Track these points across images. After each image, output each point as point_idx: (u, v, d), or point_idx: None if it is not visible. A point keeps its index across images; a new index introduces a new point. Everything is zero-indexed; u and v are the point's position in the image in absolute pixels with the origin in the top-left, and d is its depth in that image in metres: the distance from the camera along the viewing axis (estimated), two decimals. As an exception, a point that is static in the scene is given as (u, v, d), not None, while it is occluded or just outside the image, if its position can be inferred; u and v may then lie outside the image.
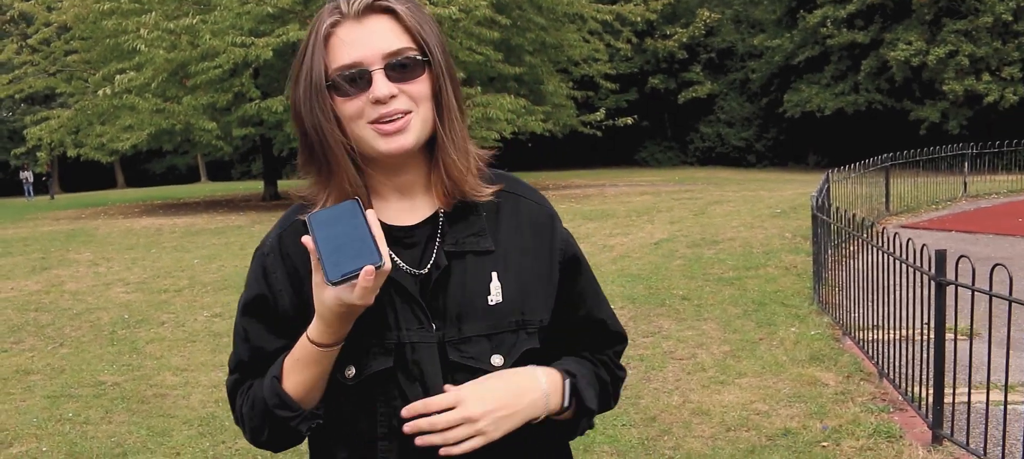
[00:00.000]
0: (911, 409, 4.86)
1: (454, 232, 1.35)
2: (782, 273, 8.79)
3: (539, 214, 1.43)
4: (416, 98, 1.28)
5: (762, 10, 36.04)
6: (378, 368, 1.31)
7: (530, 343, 1.36)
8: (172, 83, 19.07)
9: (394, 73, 1.27)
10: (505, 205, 1.40)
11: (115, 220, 18.73)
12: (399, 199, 1.37)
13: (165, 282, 10.13)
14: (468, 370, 1.31)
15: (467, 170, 1.35)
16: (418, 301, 1.31)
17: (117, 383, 6.25)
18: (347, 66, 1.27)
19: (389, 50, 1.27)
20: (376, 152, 1.29)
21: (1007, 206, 14.66)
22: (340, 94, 1.28)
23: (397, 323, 1.31)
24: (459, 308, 1.32)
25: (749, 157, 37.60)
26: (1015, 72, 27.49)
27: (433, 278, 1.32)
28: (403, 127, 1.27)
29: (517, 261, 1.37)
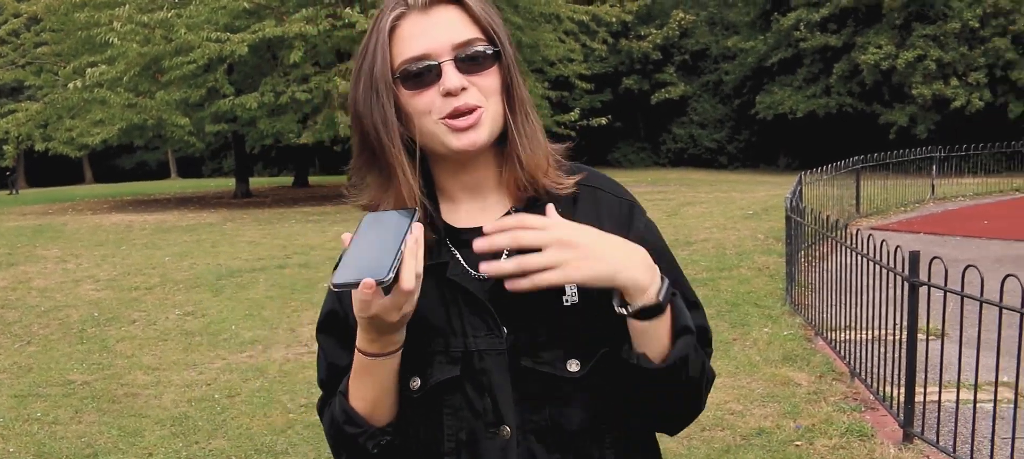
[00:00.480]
0: (882, 408, 4.91)
1: None
2: (755, 274, 8.85)
3: (618, 206, 1.33)
4: (487, 92, 1.22)
5: (736, 12, 36.27)
6: (443, 378, 1.23)
7: (608, 345, 1.24)
8: (145, 78, 18.86)
9: (464, 64, 1.20)
10: (583, 199, 1.32)
11: (84, 216, 18.50)
12: (469, 199, 1.30)
13: (136, 279, 10.02)
14: (541, 377, 1.22)
15: (544, 163, 1.27)
16: (486, 306, 1.23)
17: (87, 382, 6.18)
18: (415, 58, 1.20)
19: (458, 41, 1.20)
20: (447, 149, 1.22)
21: (973, 208, 14.88)
22: (408, 88, 1.21)
23: (464, 330, 1.23)
24: (532, 311, 1.22)
25: (721, 158, 37.84)
26: (981, 78, 27.88)
27: (502, 289, 1.21)
28: (475, 122, 1.20)
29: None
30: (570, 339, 1.23)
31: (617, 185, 1.38)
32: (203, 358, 6.69)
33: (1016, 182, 17.88)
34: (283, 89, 18.54)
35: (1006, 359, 4.38)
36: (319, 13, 17.88)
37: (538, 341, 1.22)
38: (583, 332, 1.23)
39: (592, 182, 1.34)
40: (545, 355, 1.22)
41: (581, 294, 1.23)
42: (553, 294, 1.22)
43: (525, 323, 1.23)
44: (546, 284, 1.12)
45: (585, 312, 1.23)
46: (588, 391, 1.24)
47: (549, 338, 1.22)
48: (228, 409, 5.48)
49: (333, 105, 18.40)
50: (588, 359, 1.23)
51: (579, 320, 1.23)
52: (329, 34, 18.08)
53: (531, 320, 1.23)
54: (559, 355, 1.22)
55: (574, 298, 1.23)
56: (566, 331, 1.23)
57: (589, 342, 1.23)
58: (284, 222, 15.95)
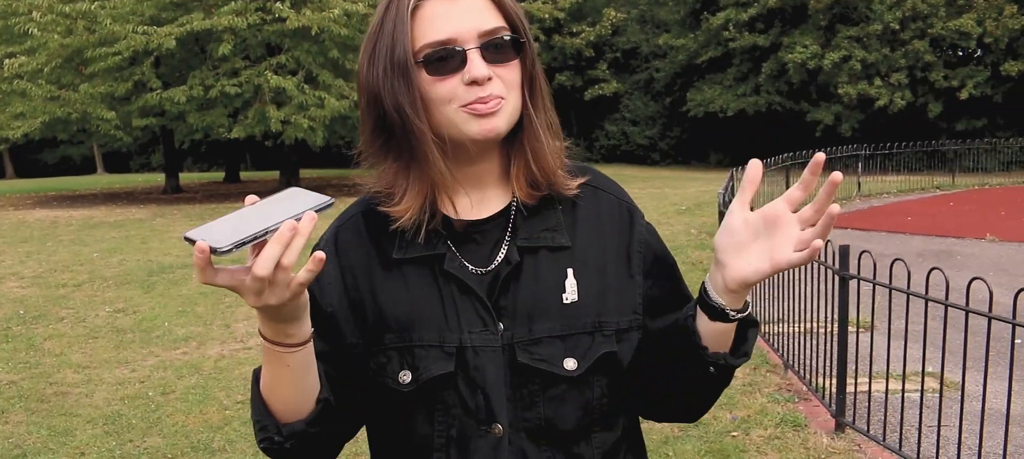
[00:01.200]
0: (815, 398, 5.05)
1: (527, 226, 1.24)
2: (689, 269, 9.00)
3: (619, 209, 1.31)
4: (508, 83, 1.18)
5: (667, 11, 36.68)
6: (437, 373, 1.19)
7: (607, 346, 1.23)
8: (68, 70, 18.33)
9: (489, 53, 1.16)
10: (583, 199, 1.29)
11: (5, 212, 17.91)
12: (471, 190, 1.26)
13: (63, 276, 9.75)
14: (538, 374, 1.20)
15: (558, 162, 1.25)
16: (483, 300, 1.20)
17: (13, 381, 6.00)
18: (440, 43, 1.15)
19: (485, 28, 1.16)
20: (465, 136, 1.17)
21: (897, 205, 15.36)
22: (430, 73, 1.16)
23: (459, 325, 1.20)
24: (530, 306, 1.21)
25: (653, 155, 38.26)
26: (902, 78, 28.72)
27: (502, 275, 1.21)
28: (495, 109, 1.16)
29: (595, 259, 1.25)
30: (568, 337, 1.21)
31: (618, 186, 1.36)
32: (135, 355, 6.55)
33: (937, 180, 18.52)
34: (212, 83, 18.20)
35: (932, 350, 4.54)
36: (248, 6, 17.59)
37: (536, 337, 1.20)
38: (581, 331, 1.22)
39: (594, 182, 1.32)
40: (542, 351, 1.20)
41: (580, 292, 1.22)
42: (553, 291, 1.22)
43: (524, 318, 1.20)
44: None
45: (584, 310, 1.22)
46: (582, 389, 1.22)
47: (547, 335, 1.21)
48: (163, 406, 5.38)
49: (264, 99, 18.14)
50: (584, 358, 1.21)
51: (578, 318, 1.22)
52: (259, 28, 17.81)
53: (530, 315, 1.21)
54: (557, 352, 1.20)
55: (574, 295, 1.22)
56: (564, 329, 1.21)
57: (585, 342, 1.22)
58: (216, 217, 15.61)
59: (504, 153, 1.26)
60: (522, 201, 1.25)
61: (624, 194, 1.35)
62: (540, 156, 1.23)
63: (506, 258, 1.22)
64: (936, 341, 4.40)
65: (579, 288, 1.22)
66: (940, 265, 8.98)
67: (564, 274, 1.23)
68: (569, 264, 1.23)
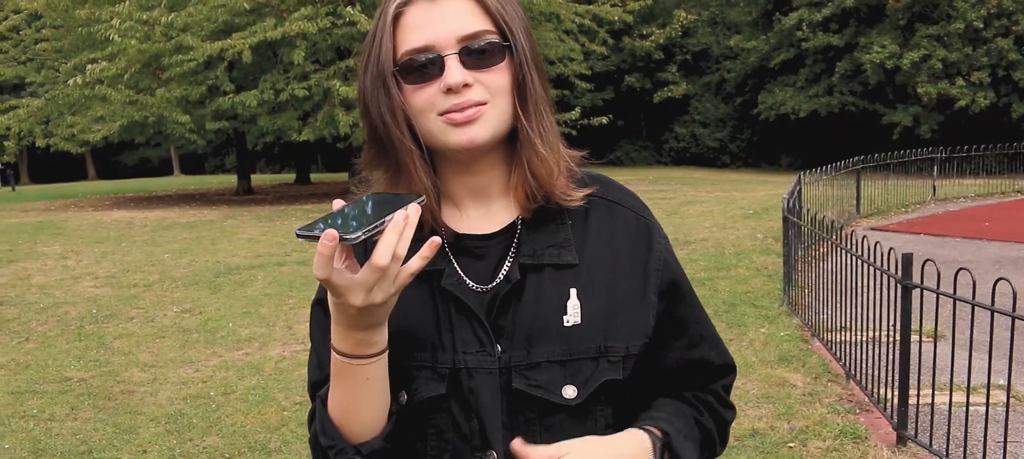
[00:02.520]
0: (876, 410, 4.91)
1: (533, 241, 1.18)
2: (753, 274, 8.85)
3: (635, 225, 1.23)
4: (493, 89, 1.12)
5: (738, 12, 36.21)
6: (427, 395, 1.15)
7: (611, 373, 1.16)
8: (145, 74, 18.87)
9: (470, 59, 1.11)
10: (596, 213, 1.22)
11: (85, 212, 18.53)
12: (475, 204, 1.21)
13: (135, 276, 10.04)
14: (534, 402, 1.14)
15: (556, 170, 1.17)
16: (481, 320, 1.15)
17: (83, 379, 6.19)
18: (417, 50, 1.11)
19: (465, 33, 1.11)
20: (445, 146, 1.13)
21: (974, 210, 14.86)
22: (409, 82, 1.13)
23: (454, 345, 1.15)
24: (529, 328, 1.14)
25: (723, 157, 37.80)
26: (984, 77, 27.82)
27: (501, 293, 1.15)
28: (473, 118, 1.11)
29: (604, 278, 1.18)
30: (568, 362, 1.15)
31: (636, 199, 1.28)
32: (199, 355, 6.70)
33: (1018, 184, 17.85)
34: (283, 87, 18.54)
35: (999, 361, 4.38)
36: (319, 11, 17.86)
37: (534, 361, 1.14)
38: (583, 356, 1.15)
39: (609, 194, 1.25)
40: (539, 376, 1.14)
41: (584, 314, 1.16)
42: (554, 312, 1.15)
43: (522, 340, 1.14)
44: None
45: (587, 333, 1.15)
46: (583, 419, 1.16)
47: (546, 359, 1.14)
48: (223, 406, 5.49)
49: (333, 102, 18.39)
50: (585, 386, 1.15)
51: (580, 342, 1.15)
52: (329, 32, 18.06)
53: (528, 337, 1.14)
54: (556, 378, 1.14)
55: (576, 317, 1.15)
56: (564, 353, 1.15)
57: (588, 368, 1.15)
58: (284, 219, 15.96)
59: (508, 164, 1.21)
60: (520, 215, 1.20)
61: (642, 208, 1.26)
62: (535, 166, 1.16)
63: (507, 276, 1.17)
64: (1004, 352, 4.23)
65: (583, 310, 1.16)
66: (1018, 272, 8.70)
67: (567, 294, 1.16)
68: (573, 283, 1.17)
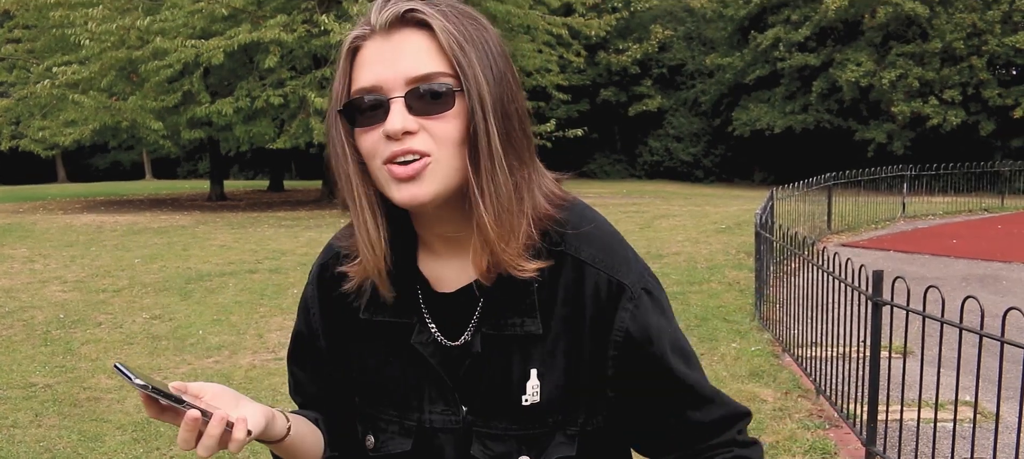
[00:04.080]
0: (846, 426, 4.94)
1: (496, 308, 1.11)
2: (725, 289, 8.90)
3: (605, 288, 1.11)
4: (440, 138, 1.02)
5: (714, 29, 36.50)
6: (395, 450, 1.16)
7: (565, 450, 1.13)
8: (120, 78, 18.70)
9: (418, 103, 1.01)
10: (565, 272, 1.12)
11: (54, 216, 18.30)
12: (450, 253, 1.14)
13: (104, 281, 9.92)
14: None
15: (509, 236, 1.05)
16: (446, 383, 1.14)
17: (49, 385, 6.10)
18: (365, 89, 1.03)
19: (415, 74, 1.01)
20: (391, 199, 1.05)
21: (943, 227, 15.05)
22: (358, 124, 1.05)
23: (420, 403, 1.15)
24: (487, 401, 1.13)
25: (697, 172, 38.06)
26: (956, 95, 28.23)
27: (465, 362, 1.13)
28: (415, 172, 1.01)
29: (565, 351, 1.12)
30: (524, 435, 1.13)
31: (612, 253, 1.14)
32: (168, 363, 6.62)
33: (986, 202, 18.13)
34: (258, 94, 18.45)
35: (967, 378, 4.43)
36: (295, 19, 17.81)
37: (492, 432, 1.13)
38: (540, 429, 1.13)
39: (582, 253, 1.12)
40: (496, 447, 1.13)
41: (543, 392, 1.12)
42: (514, 389, 1.12)
43: (481, 409, 1.14)
44: None
45: (545, 412, 1.13)
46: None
47: (503, 431, 1.13)
48: (191, 415, 5.42)
49: (308, 110, 18.34)
50: (541, 456, 1.13)
51: (537, 419, 1.13)
52: (305, 40, 18.02)
53: (486, 410, 1.14)
54: (511, 450, 1.13)
55: (535, 397, 1.12)
56: (521, 428, 1.13)
57: (543, 440, 1.13)
58: (257, 226, 15.86)
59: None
60: (477, 280, 1.11)
61: (617, 267, 1.13)
62: (483, 229, 1.04)
63: (469, 344, 1.13)
64: (971, 369, 4.28)
65: (542, 388, 1.11)
66: (985, 290, 8.81)
67: (527, 373, 1.12)
68: (534, 361, 1.11)
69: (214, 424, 0.98)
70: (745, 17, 33.60)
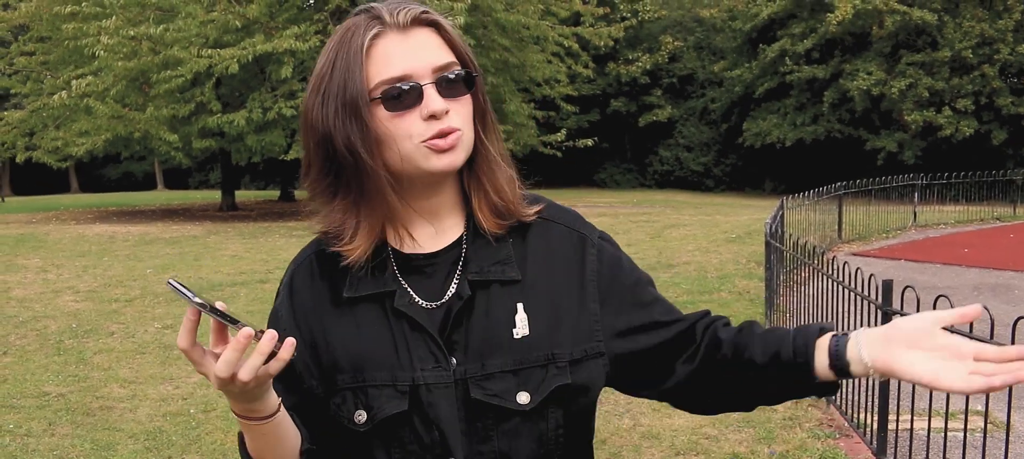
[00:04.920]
0: (856, 435, 4.94)
1: (478, 259, 1.25)
2: (735, 298, 8.89)
3: (569, 239, 1.31)
4: (463, 117, 1.21)
5: (723, 38, 36.47)
6: (391, 412, 1.20)
7: (560, 379, 1.22)
8: (132, 89, 18.81)
9: (444, 88, 1.19)
10: (534, 230, 1.30)
11: (67, 226, 18.41)
12: (425, 224, 1.27)
13: (116, 291, 9.98)
14: (491, 409, 1.21)
15: (512, 187, 1.27)
16: (434, 337, 1.21)
17: (62, 394, 6.14)
18: (396, 79, 1.17)
19: (439, 64, 1.19)
20: (424, 171, 1.19)
21: (954, 236, 14.99)
22: (388, 109, 1.18)
23: (411, 362, 1.21)
24: (482, 342, 1.21)
25: (707, 181, 37.98)
26: (968, 105, 28.11)
27: (454, 310, 1.22)
28: (455, 144, 1.18)
29: (546, 291, 1.25)
30: (520, 371, 1.21)
31: (571, 214, 1.35)
32: (180, 372, 6.66)
33: (997, 211, 18.04)
34: (270, 105, 18.51)
35: (977, 388, 4.40)
36: (308, 29, 17.89)
37: (488, 372, 1.21)
38: (534, 364, 1.22)
39: (545, 213, 1.32)
40: (494, 386, 1.21)
41: (531, 325, 1.22)
42: (504, 326, 1.22)
43: (475, 354, 1.21)
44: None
45: (535, 344, 1.22)
46: (537, 423, 1.22)
47: (499, 369, 1.21)
48: (203, 424, 5.46)
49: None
50: (537, 392, 1.21)
51: (529, 352, 1.22)
52: (317, 50, 18.06)
53: (481, 351, 1.21)
54: (510, 386, 1.21)
55: (525, 330, 1.22)
56: (516, 363, 1.21)
57: (538, 375, 1.22)
58: (268, 236, 15.92)
59: (458, 184, 1.28)
60: (490, 231, 1.26)
61: (577, 222, 1.34)
62: (499, 186, 1.26)
63: (457, 292, 1.24)
64: (982, 380, 4.27)
65: (530, 322, 1.23)
66: (996, 299, 8.78)
67: (514, 309, 1.23)
68: (519, 298, 1.24)
69: (266, 341, 1.07)
70: (752, 29, 33.56)
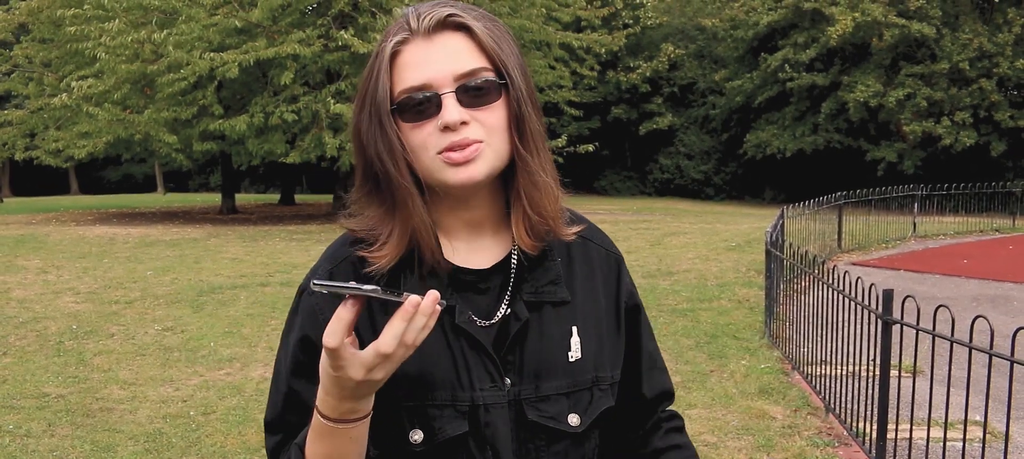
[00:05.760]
0: (855, 444, 4.94)
1: (531, 279, 1.22)
2: (735, 306, 8.90)
3: (607, 260, 1.32)
4: (490, 126, 1.14)
5: (725, 47, 36.52)
6: (453, 434, 1.16)
7: (606, 401, 1.25)
8: (134, 92, 18.81)
9: (467, 97, 1.12)
10: (575, 249, 1.28)
11: (67, 227, 18.41)
12: (469, 237, 1.23)
13: (116, 293, 9.98)
14: (544, 431, 1.20)
15: (556, 204, 1.22)
16: (492, 356, 1.18)
17: (62, 395, 6.14)
18: (414, 88, 1.13)
19: (462, 71, 1.13)
20: (442, 184, 1.14)
21: (953, 247, 14.99)
22: (406, 120, 1.14)
23: (471, 382, 1.17)
24: (538, 364, 1.20)
25: (707, 190, 38.00)
26: (967, 117, 28.16)
27: (513, 331, 1.19)
28: (472, 156, 1.12)
29: (591, 312, 1.26)
30: (572, 394, 1.22)
31: (603, 235, 1.37)
32: (180, 374, 6.67)
33: (996, 222, 18.04)
34: (272, 109, 18.51)
35: (976, 398, 4.42)
36: (312, 34, 17.89)
37: (544, 394, 1.20)
38: (583, 387, 1.23)
39: (582, 232, 1.31)
40: (550, 409, 1.20)
41: (583, 350, 1.23)
42: (559, 348, 1.22)
43: (531, 375, 1.20)
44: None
45: (585, 366, 1.24)
46: (583, 444, 1.24)
47: (554, 392, 1.21)
48: (203, 427, 5.46)
49: (321, 125, 18.39)
50: (586, 414, 1.22)
51: (581, 376, 1.23)
52: (320, 55, 18.09)
53: (537, 373, 1.20)
54: (563, 409, 1.21)
55: (578, 353, 1.23)
56: (570, 386, 1.22)
57: (586, 397, 1.23)
58: (268, 240, 15.92)
59: (502, 198, 1.23)
60: (523, 251, 1.22)
61: (611, 244, 1.36)
62: (537, 202, 1.19)
63: (514, 313, 1.20)
64: (981, 389, 4.28)
65: (582, 345, 1.23)
66: (995, 310, 8.79)
67: (569, 331, 1.23)
68: (573, 321, 1.23)
69: (429, 301, 1.01)
70: (754, 38, 33.63)
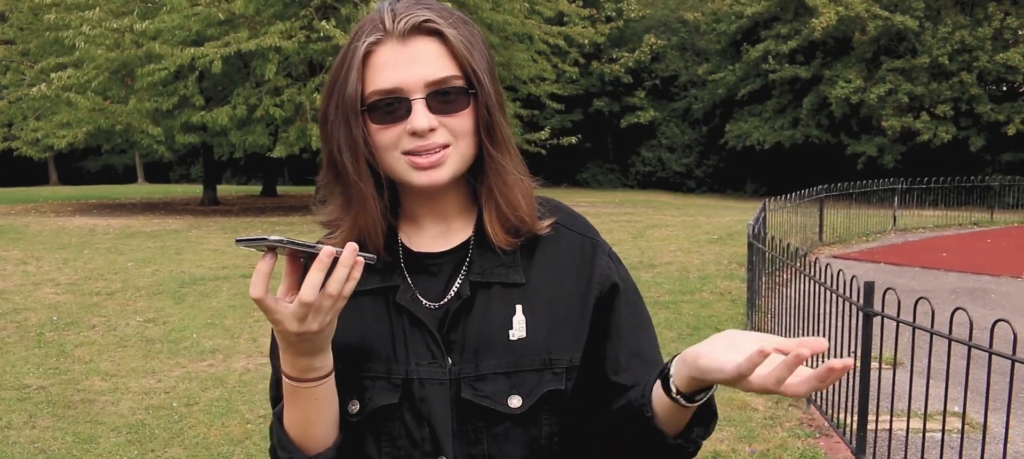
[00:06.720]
0: (836, 435, 4.99)
1: (483, 260, 1.24)
2: (717, 298, 8.95)
3: (580, 245, 1.29)
4: (457, 132, 1.18)
5: (707, 40, 36.59)
6: (381, 403, 1.21)
7: (554, 384, 1.21)
8: (114, 82, 18.65)
9: (436, 103, 1.16)
10: (545, 237, 1.28)
11: (46, 218, 18.26)
12: (434, 224, 1.28)
13: (97, 284, 9.92)
14: (482, 411, 1.20)
15: (529, 200, 1.25)
16: (432, 333, 1.21)
17: (43, 387, 6.11)
18: (386, 91, 1.16)
19: (433, 78, 1.16)
20: (407, 184, 1.20)
21: (933, 240, 15.14)
22: (375, 120, 1.17)
23: (407, 357, 1.21)
24: (477, 342, 1.21)
25: (689, 182, 38.11)
26: (947, 110, 28.35)
27: (452, 309, 1.22)
28: (438, 162, 1.17)
29: (548, 295, 1.24)
30: (514, 374, 1.20)
31: (582, 221, 1.34)
32: (162, 366, 6.64)
33: (975, 216, 18.23)
34: (255, 102, 18.38)
35: (955, 389, 4.48)
36: (294, 26, 17.78)
37: (482, 374, 1.20)
38: (529, 368, 1.21)
39: (559, 220, 1.31)
40: (486, 387, 1.20)
41: (529, 328, 1.21)
42: (500, 327, 1.21)
43: (470, 353, 1.21)
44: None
45: (532, 347, 1.21)
46: (528, 427, 1.22)
47: (492, 371, 1.20)
48: (186, 418, 5.45)
49: (305, 117, 18.30)
50: (529, 396, 1.20)
51: (525, 355, 1.21)
52: (303, 46, 17.98)
53: (476, 351, 1.21)
54: (502, 388, 1.20)
55: (521, 332, 1.21)
56: (510, 366, 1.20)
57: (533, 379, 1.21)
58: (250, 231, 15.85)
59: (467, 185, 1.27)
60: (499, 247, 1.24)
61: (589, 229, 1.33)
62: (513, 201, 1.23)
63: (458, 292, 1.23)
64: (959, 380, 4.33)
65: (528, 325, 1.21)
66: (974, 303, 8.88)
67: (513, 309, 1.22)
68: (519, 300, 1.23)
69: (348, 253, 1.05)
70: (737, 30, 33.73)
